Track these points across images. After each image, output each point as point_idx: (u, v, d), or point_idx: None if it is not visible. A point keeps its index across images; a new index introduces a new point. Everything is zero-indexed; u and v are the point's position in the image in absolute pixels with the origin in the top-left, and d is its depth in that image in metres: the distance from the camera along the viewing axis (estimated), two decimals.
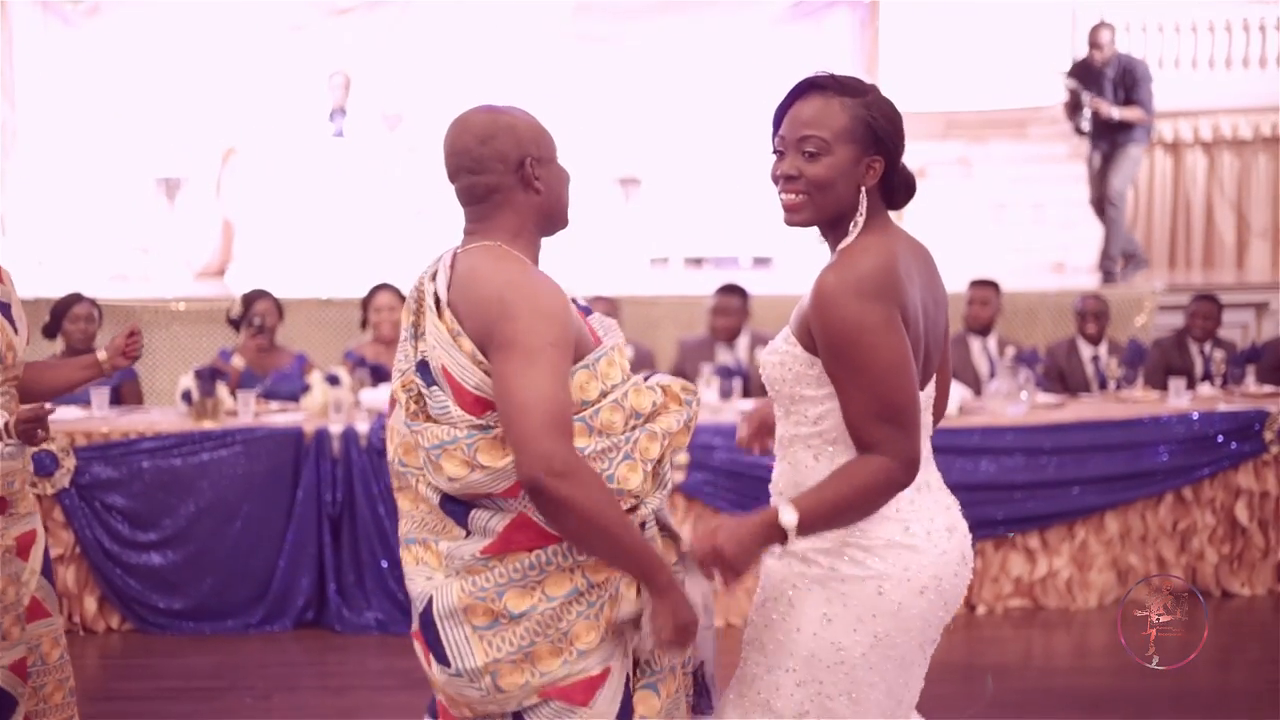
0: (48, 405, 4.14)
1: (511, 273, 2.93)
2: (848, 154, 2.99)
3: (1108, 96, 11.38)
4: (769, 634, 3.08)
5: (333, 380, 7.50)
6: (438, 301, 2.98)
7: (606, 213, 13.45)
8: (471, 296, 2.93)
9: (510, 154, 3.01)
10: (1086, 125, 11.48)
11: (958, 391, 7.73)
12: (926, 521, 3.06)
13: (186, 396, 7.41)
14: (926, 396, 3.11)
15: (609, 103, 13.94)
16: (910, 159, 3.10)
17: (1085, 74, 11.48)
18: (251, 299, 8.41)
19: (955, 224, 13.01)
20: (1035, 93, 13.93)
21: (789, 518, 2.88)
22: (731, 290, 8.86)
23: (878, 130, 2.99)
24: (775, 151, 3.07)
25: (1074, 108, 11.62)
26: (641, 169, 13.72)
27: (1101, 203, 11.72)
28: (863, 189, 3.01)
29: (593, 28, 14.27)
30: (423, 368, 3.00)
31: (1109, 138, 11.52)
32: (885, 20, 13.90)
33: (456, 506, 2.97)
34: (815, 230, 3.11)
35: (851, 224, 3.02)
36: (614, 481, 2.94)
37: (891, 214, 3.12)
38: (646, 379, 3.15)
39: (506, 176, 3.01)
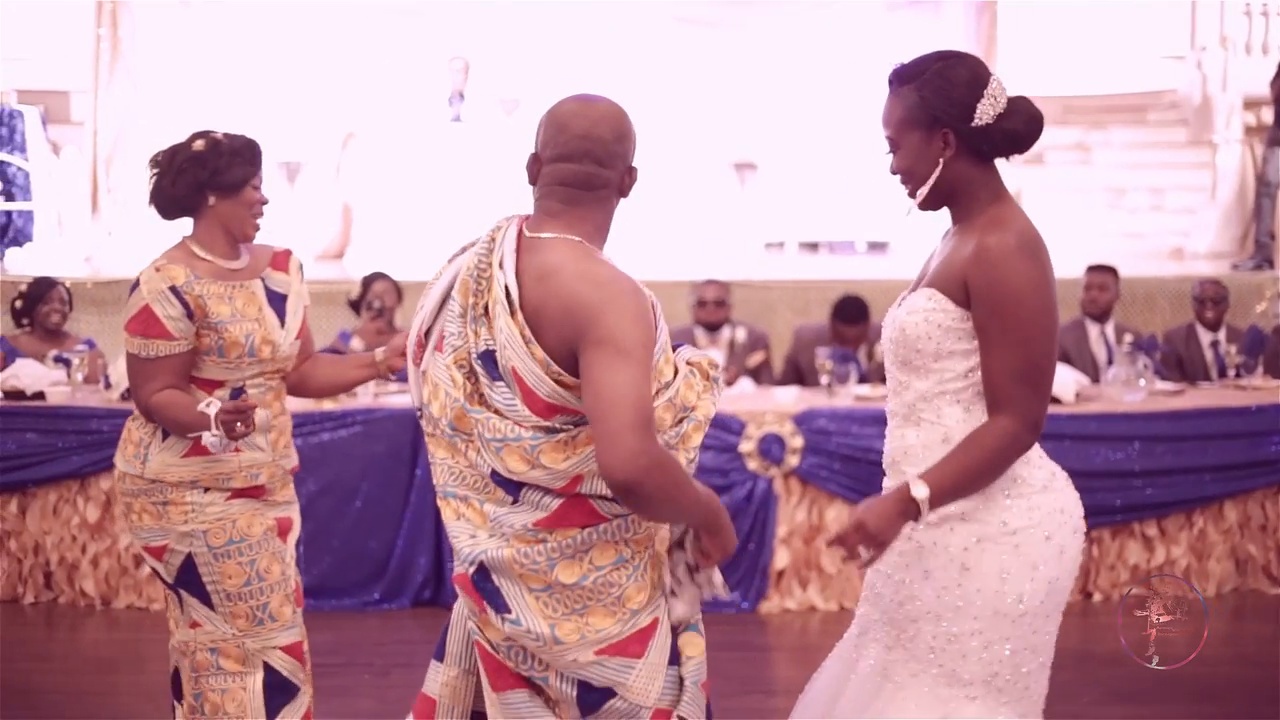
0: (252, 399, 4.10)
1: (599, 274, 2.93)
2: (915, 140, 3.11)
3: None
4: (943, 602, 3.09)
5: None
6: (508, 295, 2.96)
7: (722, 197, 13.49)
8: (555, 303, 2.92)
9: (629, 158, 3.07)
10: None
11: (1075, 377, 7.68)
12: (1057, 467, 3.17)
13: None
14: None
15: (725, 88, 13.95)
16: None
17: None
18: (369, 281, 8.51)
19: (1073, 209, 12.90)
20: (1154, 78, 13.78)
21: (920, 491, 2.95)
22: (855, 318, 8.54)
23: (930, 108, 3.07)
24: None
25: None
26: (757, 154, 13.73)
27: None
28: (941, 161, 3.09)
29: (709, 13, 14.31)
30: (488, 358, 2.98)
31: None
32: (1003, 4, 13.79)
33: (509, 481, 2.99)
34: (934, 214, 3.22)
35: (965, 196, 3.12)
36: None
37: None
38: (675, 349, 3.17)
39: (619, 178, 3.06)
